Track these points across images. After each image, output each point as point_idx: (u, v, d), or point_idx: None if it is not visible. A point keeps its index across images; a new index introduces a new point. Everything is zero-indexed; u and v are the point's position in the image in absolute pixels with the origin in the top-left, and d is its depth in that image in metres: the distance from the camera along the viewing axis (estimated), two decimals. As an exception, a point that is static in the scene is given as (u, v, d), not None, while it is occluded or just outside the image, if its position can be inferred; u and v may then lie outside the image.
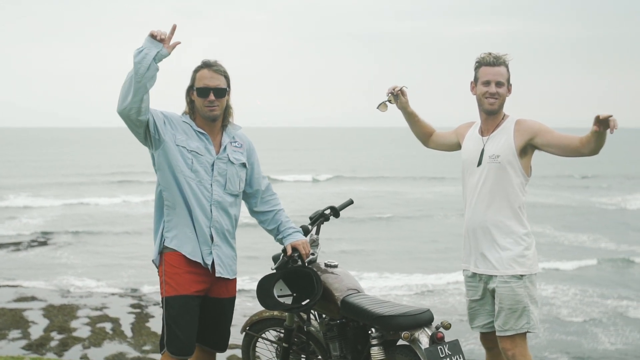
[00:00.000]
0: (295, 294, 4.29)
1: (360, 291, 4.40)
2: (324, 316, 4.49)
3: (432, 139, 4.80)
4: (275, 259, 4.45)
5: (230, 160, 4.22)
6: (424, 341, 3.87)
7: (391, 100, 4.64)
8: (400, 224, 24.21)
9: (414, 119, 4.75)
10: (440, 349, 3.85)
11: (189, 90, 4.20)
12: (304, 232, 4.53)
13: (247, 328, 4.92)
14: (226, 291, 4.27)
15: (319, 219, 4.71)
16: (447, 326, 3.97)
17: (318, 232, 4.70)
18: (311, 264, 4.50)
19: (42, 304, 12.07)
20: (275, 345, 4.85)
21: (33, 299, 12.55)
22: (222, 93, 4.15)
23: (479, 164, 4.30)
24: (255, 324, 4.90)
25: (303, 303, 4.22)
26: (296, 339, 4.69)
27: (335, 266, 4.58)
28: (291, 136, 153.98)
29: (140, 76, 3.80)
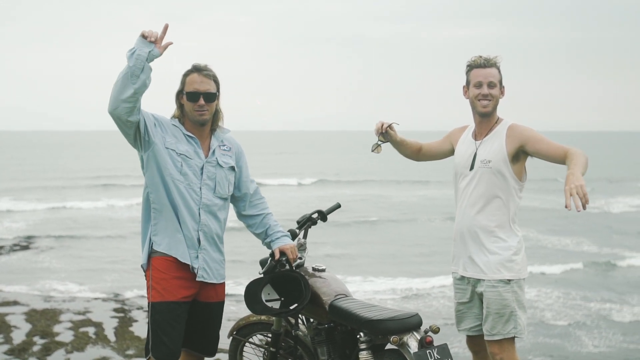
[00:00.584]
0: (283, 299, 4.28)
1: (348, 295, 4.40)
2: (311, 320, 4.48)
3: (422, 153, 4.74)
4: (262, 263, 4.44)
5: (219, 164, 4.21)
6: (413, 345, 3.88)
7: (383, 140, 4.57)
8: (385, 227, 24.21)
9: (401, 145, 4.67)
10: (429, 353, 3.85)
11: (179, 94, 4.19)
12: (292, 236, 4.53)
13: (234, 332, 4.91)
14: (215, 295, 4.26)
15: (306, 223, 4.71)
16: (436, 330, 3.97)
17: (306, 236, 4.70)
18: (299, 268, 4.49)
19: (24, 309, 11.95)
20: (263, 349, 4.83)
21: (15, 303, 12.42)
22: (212, 97, 4.14)
23: (471, 167, 4.30)
24: (242, 328, 4.88)
25: (291, 307, 4.21)
26: (284, 344, 4.67)
27: (323, 270, 4.58)
28: (275, 139, 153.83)
29: (135, 77, 3.78)
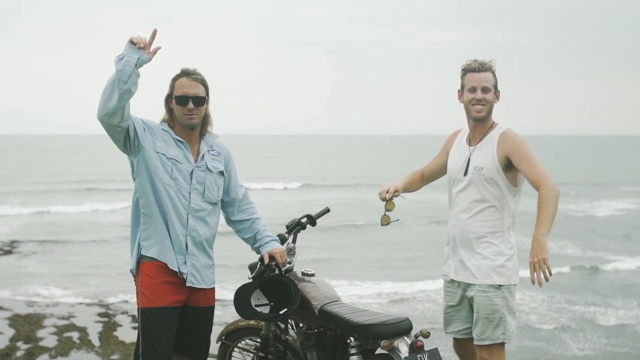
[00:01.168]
0: (272, 303, 4.26)
1: (338, 300, 4.38)
2: (301, 325, 4.46)
3: (425, 178, 4.69)
4: (251, 268, 4.42)
5: (208, 168, 4.21)
6: (404, 350, 3.88)
7: (389, 209, 4.54)
8: (370, 231, 24.22)
9: (407, 191, 4.66)
10: (420, 357, 3.85)
11: (168, 98, 4.18)
12: (281, 240, 4.52)
13: (223, 337, 4.88)
14: (205, 300, 4.24)
15: (295, 227, 4.70)
16: (427, 335, 3.97)
17: (295, 241, 4.68)
18: (288, 272, 4.47)
19: (7, 314, 11.86)
20: (252, 354, 4.81)
21: (-2, 308, 12.34)
22: (201, 101, 4.13)
23: (465, 173, 4.27)
24: (231, 333, 4.86)
25: (281, 312, 4.19)
26: (273, 349, 4.66)
27: (313, 275, 4.57)
28: (260, 143, 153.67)
29: (123, 83, 3.76)
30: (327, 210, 4.91)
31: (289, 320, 4.52)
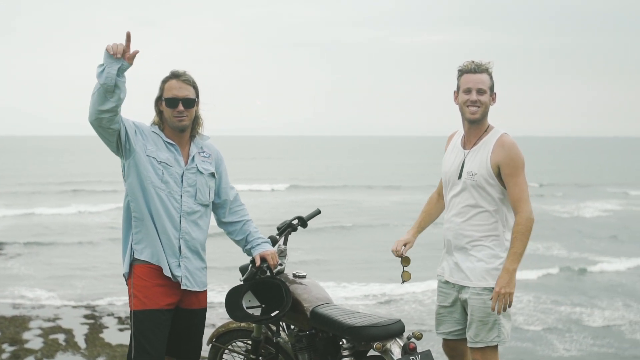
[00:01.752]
0: (264, 305, 4.25)
1: (330, 302, 4.38)
2: (292, 327, 4.45)
3: (441, 195, 4.59)
4: (242, 270, 4.41)
5: (199, 170, 4.19)
6: (396, 352, 3.88)
7: (405, 265, 4.57)
8: (358, 233, 24.25)
9: (425, 223, 4.65)
10: (413, 359, 3.85)
11: (158, 100, 4.16)
12: (272, 242, 4.51)
13: (214, 340, 4.86)
14: (197, 302, 4.23)
15: (286, 229, 4.70)
16: (419, 336, 3.97)
17: (286, 243, 4.68)
18: (279, 274, 4.46)
19: (-8, 316, 11.79)
20: (243, 357, 4.79)
21: (-17, 311, 12.25)
22: (191, 103, 4.12)
23: (459, 177, 4.24)
24: (222, 335, 4.84)
25: (272, 314, 4.19)
26: (264, 351, 4.65)
27: (304, 277, 4.57)
28: (247, 145, 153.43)
29: (110, 93, 3.74)
30: (318, 212, 4.90)
31: (281, 322, 4.51)
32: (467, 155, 4.24)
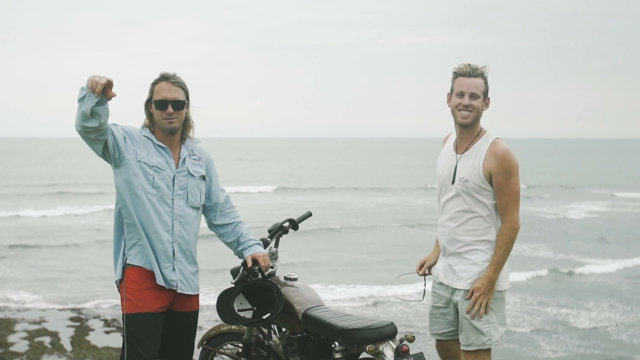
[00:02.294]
0: (255, 308, 4.24)
1: (321, 304, 4.36)
2: (284, 330, 4.43)
3: None
4: (234, 272, 4.40)
5: (190, 173, 4.18)
6: (389, 354, 3.87)
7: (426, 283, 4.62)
8: (345, 235, 24.25)
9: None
10: None
11: (148, 103, 4.14)
12: (263, 244, 4.49)
13: (205, 342, 4.84)
14: (189, 305, 4.22)
15: (278, 231, 4.69)
16: (411, 339, 3.96)
17: (277, 245, 4.66)
18: (270, 277, 4.45)
19: (-23, 319, 11.71)
20: (233, 359, 4.77)
21: (-33, 314, 12.17)
22: (181, 105, 4.10)
23: (453, 182, 4.21)
24: (212, 338, 4.82)
25: (264, 317, 4.17)
26: (255, 353, 4.63)
27: (295, 279, 4.55)
28: (235, 146, 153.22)
29: (91, 118, 3.73)
30: (309, 215, 4.90)
31: (272, 325, 4.50)
32: (459, 160, 4.20)
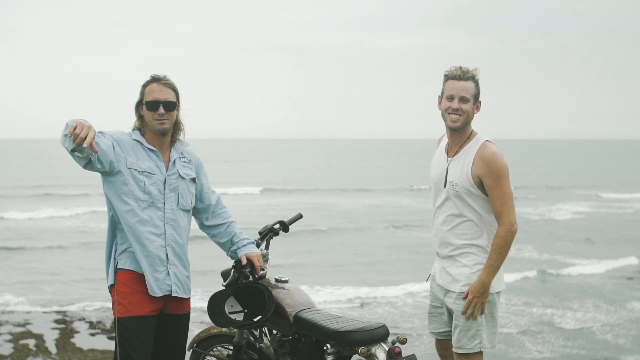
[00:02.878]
0: (246, 310, 4.23)
1: (313, 306, 4.36)
2: (275, 332, 4.42)
3: None
4: (224, 274, 4.39)
5: (180, 176, 4.17)
6: (381, 356, 3.87)
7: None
8: (332, 236, 24.24)
9: None
10: None
11: (138, 105, 4.12)
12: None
13: (195, 345, 4.83)
14: (181, 308, 4.21)
15: (268, 233, 4.69)
16: (404, 341, 3.96)
17: (268, 247, 4.66)
18: (261, 279, 4.44)
19: (-39, 322, 11.63)
20: (224, 362, 4.75)
21: (-49, 317, 12.08)
22: (172, 106, 4.10)
23: (444, 185, 4.21)
24: (202, 340, 4.81)
25: (255, 319, 4.16)
26: (245, 356, 4.62)
27: (286, 281, 4.55)
28: (219, 147, 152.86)
29: (79, 157, 3.73)
30: (299, 216, 4.91)
31: (263, 327, 4.49)
32: (449, 163, 4.20)
